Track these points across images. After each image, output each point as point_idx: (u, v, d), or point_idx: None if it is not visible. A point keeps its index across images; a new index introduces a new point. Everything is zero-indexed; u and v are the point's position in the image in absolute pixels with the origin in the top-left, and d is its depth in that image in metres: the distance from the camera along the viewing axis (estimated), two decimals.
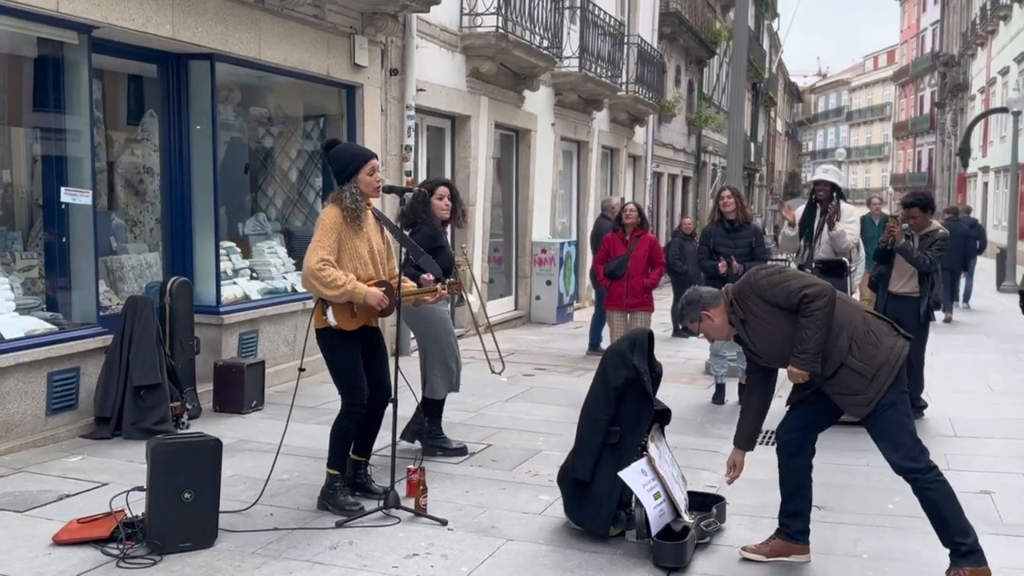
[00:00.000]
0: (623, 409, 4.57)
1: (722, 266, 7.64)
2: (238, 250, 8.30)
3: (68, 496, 4.95)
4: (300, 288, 8.71)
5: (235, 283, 8.02)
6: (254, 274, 8.40)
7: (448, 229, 6.60)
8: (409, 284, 5.03)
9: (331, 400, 7.15)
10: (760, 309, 4.00)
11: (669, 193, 21.80)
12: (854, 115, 72.69)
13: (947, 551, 4.04)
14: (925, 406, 7.41)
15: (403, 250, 5.01)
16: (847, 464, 6.03)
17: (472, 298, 6.29)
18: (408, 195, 5.09)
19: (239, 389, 6.94)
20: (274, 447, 5.84)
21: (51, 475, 5.32)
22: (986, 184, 37.98)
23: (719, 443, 6.61)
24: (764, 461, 6.02)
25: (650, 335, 4.77)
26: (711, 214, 8.11)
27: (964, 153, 33.27)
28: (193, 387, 6.83)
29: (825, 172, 7.75)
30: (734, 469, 4.36)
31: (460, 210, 6.08)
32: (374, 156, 4.89)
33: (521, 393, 8.22)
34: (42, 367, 5.91)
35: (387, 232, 5.01)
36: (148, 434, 6.05)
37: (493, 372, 4.92)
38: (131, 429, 6.11)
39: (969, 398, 8.26)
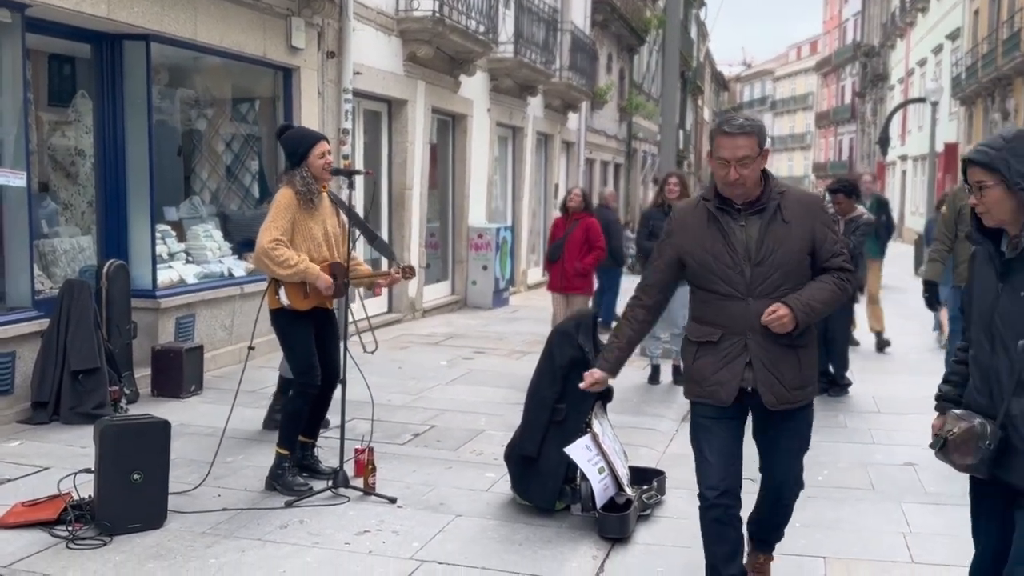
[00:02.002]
0: (568, 387, 4.71)
1: None
2: (173, 233, 8.21)
3: (10, 480, 4.91)
4: (237, 272, 8.68)
5: (171, 267, 7.95)
6: (189, 258, 8.32)
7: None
8: (363, 267, 5.09)
9: (272, 384, 7.19)
10: (799, 229, 3.36)
11: (601, 179, 22.07)
12: (778, 104, 74.32)
13: (870, 521, 4.20)
14: (850, 384, 7.76)
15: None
16: None
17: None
18: (355, 177, 5.12)
19: (177, 373, 6.90)
20: (215, 431, 5.88)
21: None
22: (904, 172, 39.34)
23: (655, 420, 6.85)
24: None
25: (595, 315, 4.92)
26: (655, 198, 8.31)
27: (884, 142, 34.35)
28: (131, 371, 6.77)
29: None
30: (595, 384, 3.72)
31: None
32: (323, 139, 4.93)
33: (461, 376, 8.33)
34: None
35: (342, 215, 5.05)
36: (87, 419, 6.03)
37: (365, 351, 4.99)
38: (69, 414, 6.05)
39: (890, 377, 8.65)
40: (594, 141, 20.83)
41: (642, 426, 6.59)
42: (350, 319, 4.97)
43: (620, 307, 11.35)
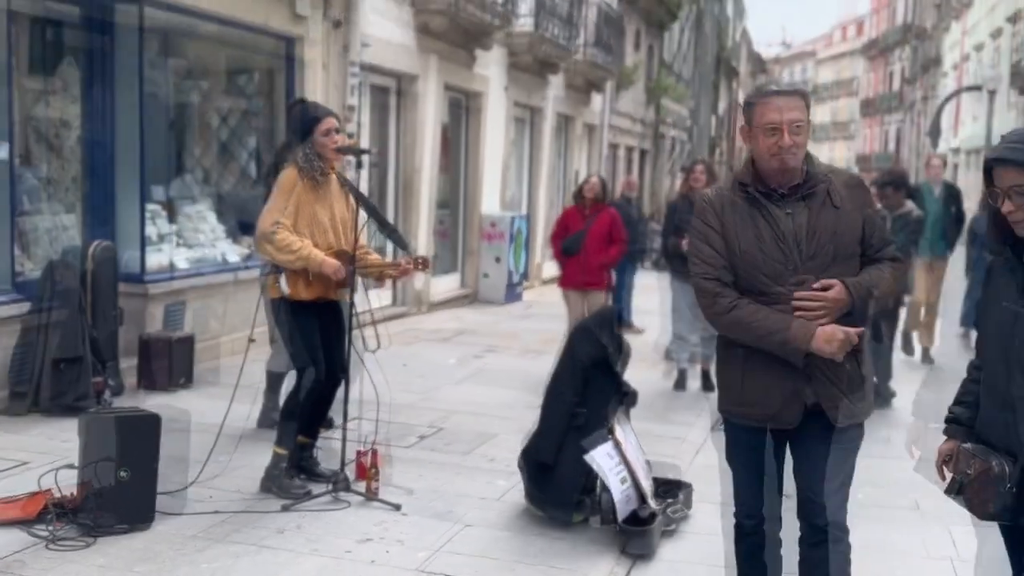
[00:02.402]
0: (589, 389, 4.73)
1: (685, 244, 7.81)
2: (163, 214, 8.26)
3: None
4: (231, 257, 8.73)
5: (160, 250, 8.00)
6: (181, 240, 8.37)
7: None
8: (374, 256, 5.12)
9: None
10: (850, 216, 3.18)
11: (625, 167, 22.06)
12: (820, 89, 74.02)
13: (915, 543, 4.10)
14: (894, 395, 7.75)
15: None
16: None
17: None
18: (365, 156, 5.15)
19: (166, 365, 6.96)
20: (205, 427, 5.92)
21: None
22: (956, 166, 39.15)
23: (682, 430, 6.86)
24: None
25: (616, 312, 4.94)
26: (680, 187, 8.30)
27: (934, 133, 34.22)
28: (116, 361, 6.83)
29: None
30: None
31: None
32: (332, 115, 4.95)
33: (471, 375, 8.37)
34: None
35: (352, 200, 5.07)
36: (68, 411, 6.09)
37: (367, 349, 5.03)
38: (49, 405, 6.12)
39: (941, 387, 8.62)
40: (618, 125, 20.83)
41: (668, 435, 6.60)
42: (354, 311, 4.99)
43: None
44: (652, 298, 11.58)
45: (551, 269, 16.85)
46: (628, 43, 21.06)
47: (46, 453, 5.36)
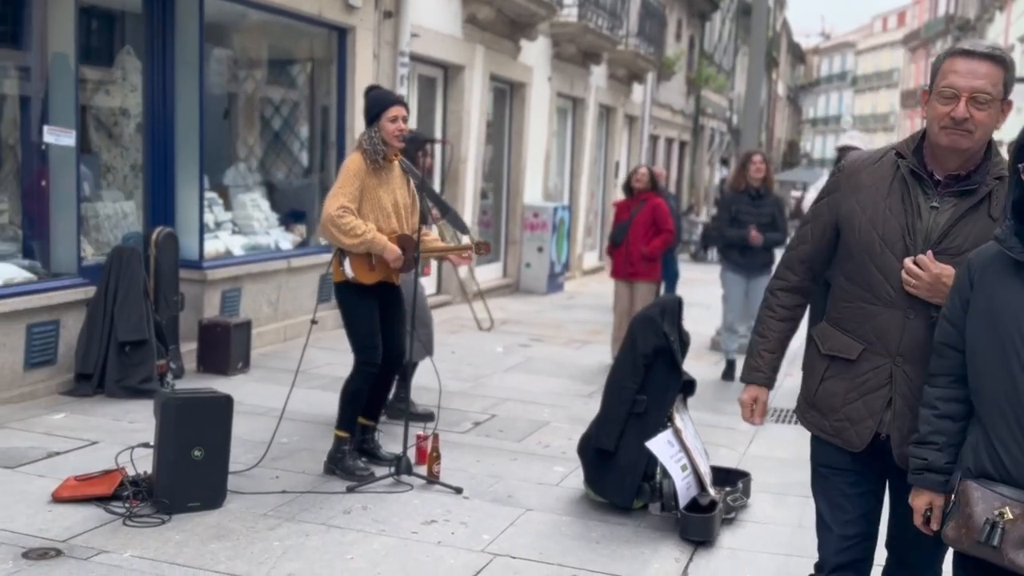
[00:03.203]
0: (650, 378, 4.80)
1: (754, 236, 7.81)
2: (220, 201, 8.41)
3: (59, 453, 5.11)
4: (284, 245, 8.87)
5: (217, 237, 8.15)
6: (236, 228, 8.52)
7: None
8: (435, 240, 5.21)
9: (322, 365, 7.40)
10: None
11: (665, 158, 22.03)
12: (859, 80, 73.25)
13: None
14: None
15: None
16: None
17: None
18: (429, 146, 5.24)
19: (225, 349, 7.10)
20: (265, 410, 6.07)
21: (36, 432, 5.46)
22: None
23: (734, 420, 6.86)
24: (787, 440, 6.35)
25: (679, 302, 5.00)
26: (734, 180, 8.31)
27: None
28: (177, 345, 6.97)
29: (851, 138, 8.01)
30: (755, 406, 3.07)
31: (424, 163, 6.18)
32: (400, 102, 5.04)
33: (519, 364, 8.45)
34: (21, 318, 6.02)
35: (412, 186, 5.17)
36: (133, 392, 6.25)
37: (481, 328, 5.13)
38: (114, 387, 6.26)
39: None
40: (659, 116, 20.80)
41: (720, 425, 6.65)
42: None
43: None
44: (694, 290, 11.61)
45: (591, 259, 16.93)
46: (669, 33, 21.01)
47: (114, 432, 5.51)
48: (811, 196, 7.79)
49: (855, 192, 2.76)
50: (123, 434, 5.50)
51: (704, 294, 11.87)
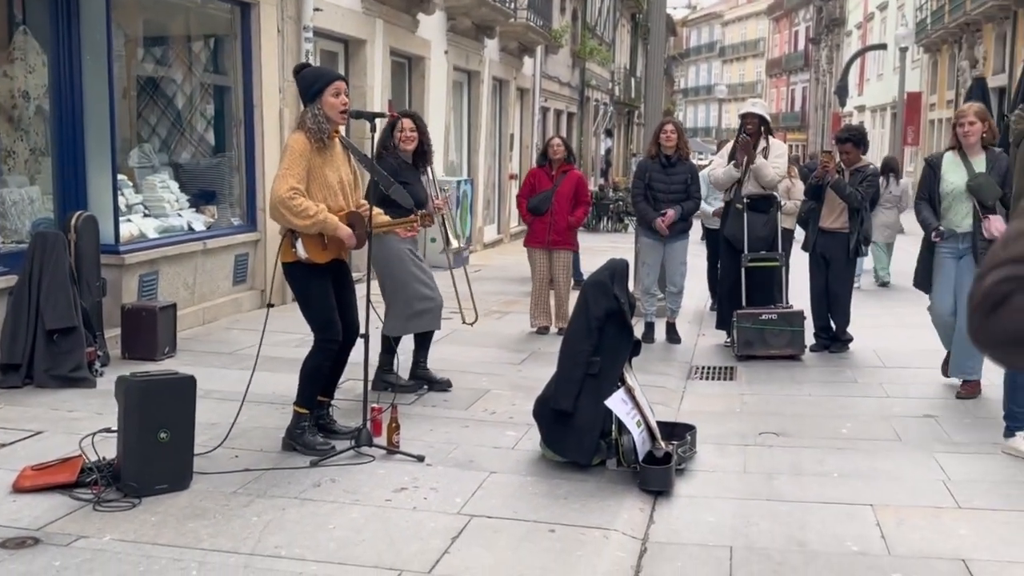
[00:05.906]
0: (604, 340, 4.98)
1: (659, 226, 8.11)
2: (130, 184, 8.22)
3: (4, 445, 4.99)
4: (197, 226, 8.73)
5: (130, 220, 7.97)
6: (147, 211, 8.34)
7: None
8: (381, 216, 5.26)
9: (246, 346, 7.34)
10: None
11: (555, 129, 22.30)
12: (727, 51, 75.29)
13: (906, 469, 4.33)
14: (851, 339, 8.20)
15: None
16: (790, 394, 6.71)
17: (454, 244, 6.72)
18: (379, 120, 5.28)
19: (151, 334, 6.98)
20: (204, 392, 5.98)
21: None
22: (862, 123, 40.45)
23: (662, 379, 7.19)
24: (714, 395, 6.65)
25: (627, 264, 5.19)
26: (648, 148, 8.57)
27: (842, 91, 35.23)
28: (101, 331, 6.82)
29: (753, 105, 8.37)
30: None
31: (427, 146, 6.35)
32: (341, 78, 5.06)
33: (445, 336, 8.51)
34: None
35: (354, 161, 5.20)
36: (63, 381, 6.11)
37: (464, 322, 5.29)
38: (44, 376, 6.11)
39: (885, 332, 9.15)
40: (548, 88, 21.03)
41: (650, 384, 6.87)
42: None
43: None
44: (595, 259, 11.86)
45: (491, 232, 17.08)
46: (555, 7, 21.23)
47: (56, 422, 5.41)
48: (718, 162, 8.15)
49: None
50: (65, 423, 5.40)
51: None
